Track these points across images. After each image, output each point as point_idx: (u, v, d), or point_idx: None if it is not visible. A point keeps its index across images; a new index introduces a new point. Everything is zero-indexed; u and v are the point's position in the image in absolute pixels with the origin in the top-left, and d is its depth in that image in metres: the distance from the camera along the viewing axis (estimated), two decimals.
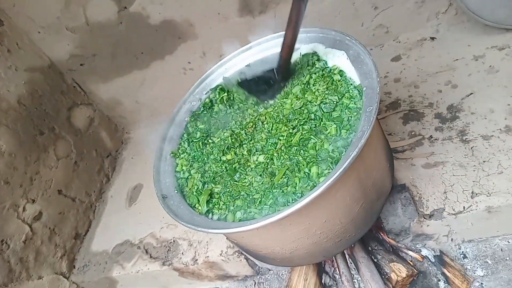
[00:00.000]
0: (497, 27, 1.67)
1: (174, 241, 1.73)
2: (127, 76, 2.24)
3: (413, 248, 1.44)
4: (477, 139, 1.40)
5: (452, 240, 1.42)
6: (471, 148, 1.39)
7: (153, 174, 1.25)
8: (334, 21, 1.94)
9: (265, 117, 1.21)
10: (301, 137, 1.08)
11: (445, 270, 1.36)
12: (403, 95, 1.72)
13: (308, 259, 1.20)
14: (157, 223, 1.84)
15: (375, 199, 1.15)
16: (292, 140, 1.09)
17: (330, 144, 1.03)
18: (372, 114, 0.94)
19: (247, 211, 1.04)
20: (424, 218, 1.33)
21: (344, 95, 1.11)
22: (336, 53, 1.21)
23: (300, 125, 1.11)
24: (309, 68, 1.26)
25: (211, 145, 1.26)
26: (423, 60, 1.83)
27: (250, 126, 1.21)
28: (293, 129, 1.12)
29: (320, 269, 1.51)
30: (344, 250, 1.47)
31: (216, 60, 1.45)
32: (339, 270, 1.47)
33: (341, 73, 1.18)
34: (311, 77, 1.23)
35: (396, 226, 1.41)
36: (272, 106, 1.24)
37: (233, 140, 1.20)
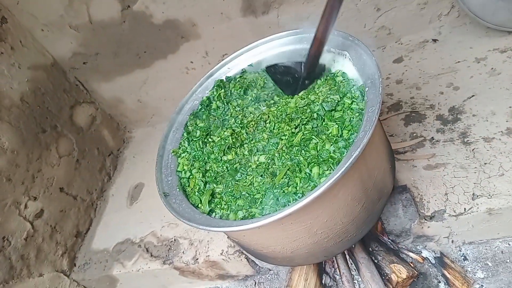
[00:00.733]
0: (499, 29, 1.68)
1: (175, 240, 1.73)
2: (129, 75, 2.25)
3: (413, 249, 1.45)
4: (478, 141, 1.41)
5: (452, 241, 1.42)
6: (473, 150, 1.39)
7: (155, 172, 1.25)
8: (337, 22, 1.94)
9: (268, 116, 1.21)
10: (303, 137, 1.08)
11: (446, 272, 1.36)
12: (404, 97, 1.72)
13: (309, 258, 1.21)
14: (158, 222, 1.84)
15: (376, 199, 1.15)
16: (293, 140, 1.09)
17: (331, 145, 1.03)
18: (374, 115, 0.94)
19: (249, 211, 1.04)
20: (425, 219, 1.33)
21: (345, 94, 1.12)
22: (338, 54, 1.21)
23: (303, 124, 1.11)
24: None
25: (211, 144, 1.26)
26: (425, 62, 1.83)
27: (252, 125, 1.21)
28: (295, 129, 1.12)
29: (320, 269, 1.51)
30: (345, 251, 1.47)
31: (218, 60, 1.45)
32: (339, 270, 1.47)
33: (343, 74, 1.19)
34: (316, 83, 1.25)
35: (397, 227, 1.41)
36: (277, 105, 1.24)
37: (233, 140, 1.20)
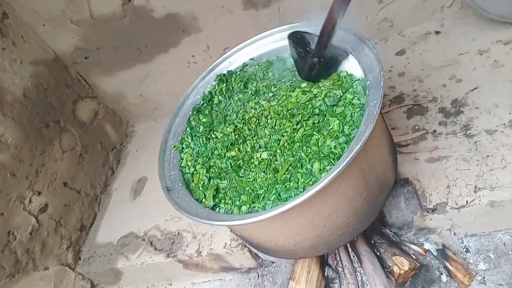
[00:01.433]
0: (503, 21, 1.66)
1: (178, 233, 1.74)
2: (131, 69, 2.25)
3: (415, 241, 1.45)
4: (481, 134, 1.40)
5: (455, 234, 1.42)
6: (475, 142, 1.39)
7: (158, 167, 1.26)
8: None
9: (269, 112, 1.21)
10: (304, 133, 1.09)
11: (448, 264, 1.36)
12: (407, 90, 1.71)
13: (311, 251, 1.22)
14: (162, 215, 1.85)
15: (378, 192, 1.15)
16: (295, 137, 1.10)
17: (332, 140, 1.03)
18: (376, 108, 0.94)
19: (252, 206, 1.05)
20: (427, 212, 1.33)
21: (348, 90, 1.12)
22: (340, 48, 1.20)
23: (304, 120, 1.11)
24: None
25: (215, 140, 1.26)
26: (427, 54, 1.82)
27: (253, 122, 1.22)
28: (297, 125, 1.12)
29: (323, 262, 1.52)
30: (347, 243, 1.48)
31: (220, 54, 1.45)
32: (341, 263, 1.48)
33: (347, 70, 1.19)
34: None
35: (399, 220, 1.42)
36: (277, 99, 1.24)
37: (236, 137, 1.21)
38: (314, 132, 1.07)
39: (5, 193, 1.68)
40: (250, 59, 1.44)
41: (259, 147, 1.15)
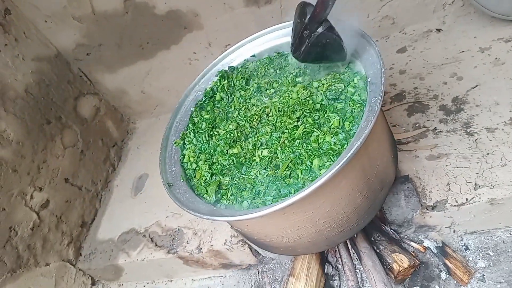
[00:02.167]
0: (504, 19, 1.66)
1: (179, 230, 1.75)
2: (133, 66, 2.25)
3: (415, 239, 1.46)
4: (481, 132, 1.41)
5: (454, 231, 1.43)
6: (475, 140, 1.39)
7: (159, 163, 1.26)
8: (340, 11, 1.93)
9: (270, 109, 1.21)
10: (304, 130, 1.09)
11: (447, 261, 1.37)
12: (408, 87, 1.72)
13: (311, 248, 1.22)
14: (162, 212, 1.86)
15: (378, 189, 1.15)
16: (295, 134, 1.10)
17: (332, 137, 1.04)
18: (377, 105, 0.94)
19: (253, 202, 1.06)
20: (427, 209, 1.34)
21: (349, 83, 1.12)
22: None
23: (304, 116, 1.12)
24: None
25: (217, 137, 1.27)
26: (428, 52, 1.82)
27: (255, 119, 1.22)
28: (297, 121, 1.12)
29: (323, 258, 1.53)
30: (347, 240, 1.49)
31: (221, 50, 1.45)
32: (341, 259, 1.48)
33: (349, 65, 1.19)
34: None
35: (399, 217, 1.42)
36: (278, 96, 1.25)
37: (238, 134, 1.21)
38: (314, 129, 1.07)
39: (7, 188, 1.68)
40: (251, 56, 1.44)
41: (261, 145, 1.16)
